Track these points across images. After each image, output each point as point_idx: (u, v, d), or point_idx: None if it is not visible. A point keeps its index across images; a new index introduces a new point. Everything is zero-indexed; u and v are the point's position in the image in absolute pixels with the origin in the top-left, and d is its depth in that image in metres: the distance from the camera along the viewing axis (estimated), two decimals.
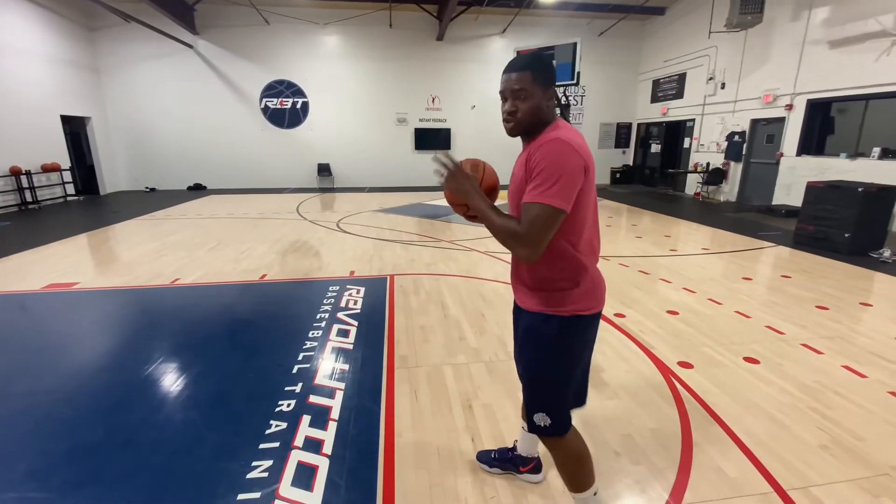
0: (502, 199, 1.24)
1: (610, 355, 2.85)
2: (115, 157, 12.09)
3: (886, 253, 5.16)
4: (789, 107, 8.40)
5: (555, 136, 1.17)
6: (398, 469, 1.83)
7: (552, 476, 1.79)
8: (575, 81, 9.10)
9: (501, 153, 5.29)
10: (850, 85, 7.31)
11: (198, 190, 12.39)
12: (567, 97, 9.76)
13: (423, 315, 3.50)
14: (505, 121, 1.27)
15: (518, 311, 1.43)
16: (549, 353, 1.33)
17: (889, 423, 2.15)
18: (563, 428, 1.38)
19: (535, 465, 1.77)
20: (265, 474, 1.78)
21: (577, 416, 1.41)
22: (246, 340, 3.09)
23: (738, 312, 3.56)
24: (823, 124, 8.21)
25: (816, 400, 2.34)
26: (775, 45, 8.65)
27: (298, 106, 12.62)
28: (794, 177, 8.23)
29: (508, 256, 1.39)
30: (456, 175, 1.31)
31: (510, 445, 1.86)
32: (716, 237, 6.48)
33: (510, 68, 1.23)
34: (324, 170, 13.02)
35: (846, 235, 5.32)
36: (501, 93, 1.27)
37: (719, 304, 3.76)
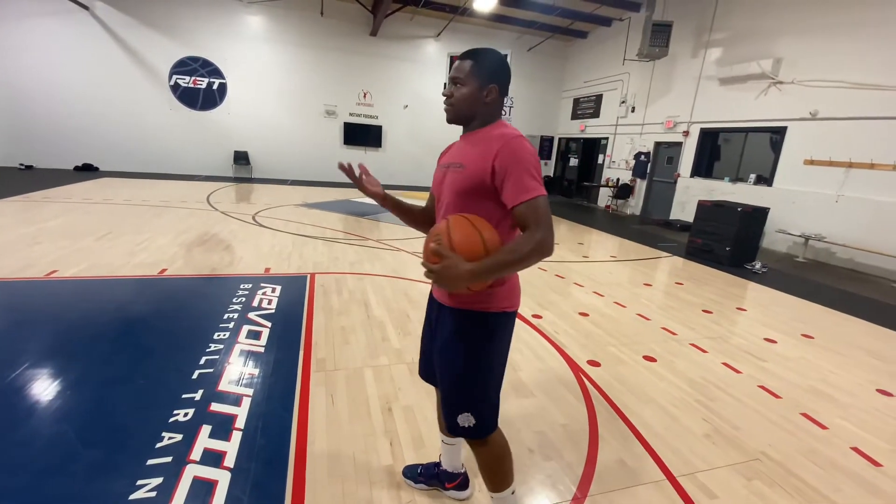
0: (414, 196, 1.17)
1: (527, 354, 2.96)
2: None
3: (758, 265, 5.99)
4: (686, 133, 9.45)
5: (514, 133, 1.24)
6: (309, 479, 1.72)
7: (480, 495, 1.79)
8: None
9: (435, 154, 5.26)
10: (734, 118, 8.41)
11: (87, 171, 10.88)
12: None
13: (345, 315, 3.37)
14: (444, 104, 1.35)
15: (439, 308, 1.40)
16: (478, 351, 1.32)
17: (759, 413, 2.47)
18: (488, 429, 1.38)
19: (461, 482, 1.70)
20: (153, 493, 1.58)
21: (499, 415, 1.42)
22: (138, 343, 2.74)
23: (639, 315, 3.90)
24: (712, 151, 9.35)
25: (701, 393, 2.62)
26: (677, 77, 9.69)
27: (215, 87, 11.61)
28: (688, 196, 9.26)
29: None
30: (450, 266, 1.12)
31: (436, 460, 1.77)
32: (622, 246, 7.07)
33: (460, 56, 1.34)
34: (241, 158, 12.11)
35: (727, 249, 6.09)
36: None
37: (624, 307, 4.08)
